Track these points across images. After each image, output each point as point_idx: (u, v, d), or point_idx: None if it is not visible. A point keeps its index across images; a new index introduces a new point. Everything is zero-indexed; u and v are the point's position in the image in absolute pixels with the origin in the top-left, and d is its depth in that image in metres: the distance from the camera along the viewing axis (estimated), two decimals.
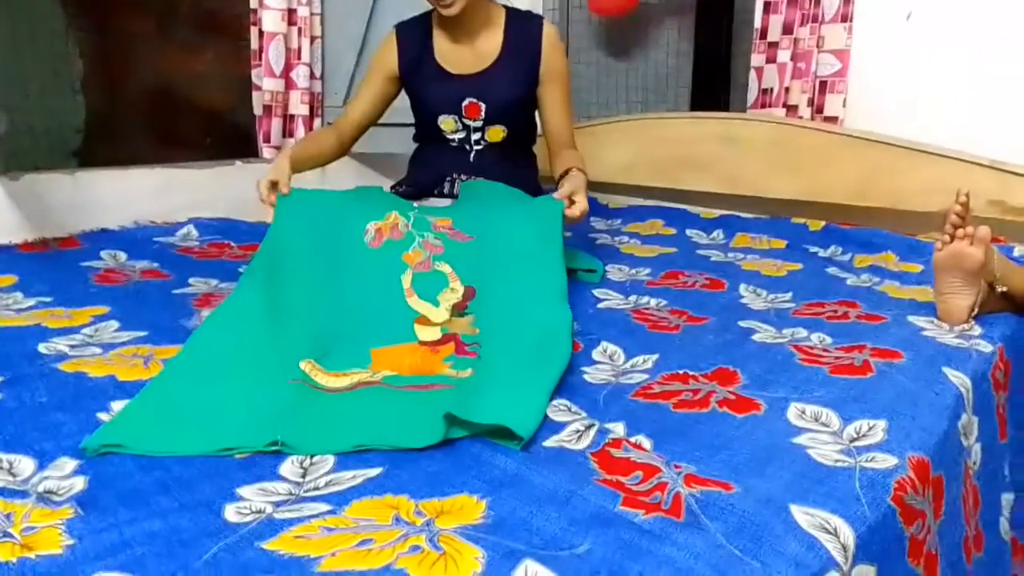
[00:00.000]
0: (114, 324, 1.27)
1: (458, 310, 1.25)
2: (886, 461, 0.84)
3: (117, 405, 0.96)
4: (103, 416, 0.93)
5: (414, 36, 1.71)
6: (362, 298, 1.23)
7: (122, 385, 1.02)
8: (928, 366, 1.11)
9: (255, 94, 2.20)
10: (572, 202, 1.41)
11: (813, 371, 1.09)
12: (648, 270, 1.70)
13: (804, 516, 0.73)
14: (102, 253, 1.72)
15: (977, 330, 1.28)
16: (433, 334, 1.20)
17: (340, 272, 1.27)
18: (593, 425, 0.92)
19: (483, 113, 1.69)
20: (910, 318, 1.34)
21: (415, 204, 1.47)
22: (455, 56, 1.70)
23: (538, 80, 1.70)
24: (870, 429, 0.91)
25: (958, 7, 1.88)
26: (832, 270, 1.71)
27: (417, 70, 1.71)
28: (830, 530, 0.71)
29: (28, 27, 2.71)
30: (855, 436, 0.90)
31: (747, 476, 0.80)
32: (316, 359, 1.08)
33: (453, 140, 1.74)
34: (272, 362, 1.06)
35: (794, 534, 0.70)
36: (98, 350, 1.15)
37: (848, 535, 0.72)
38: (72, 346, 1.16)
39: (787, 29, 2.06)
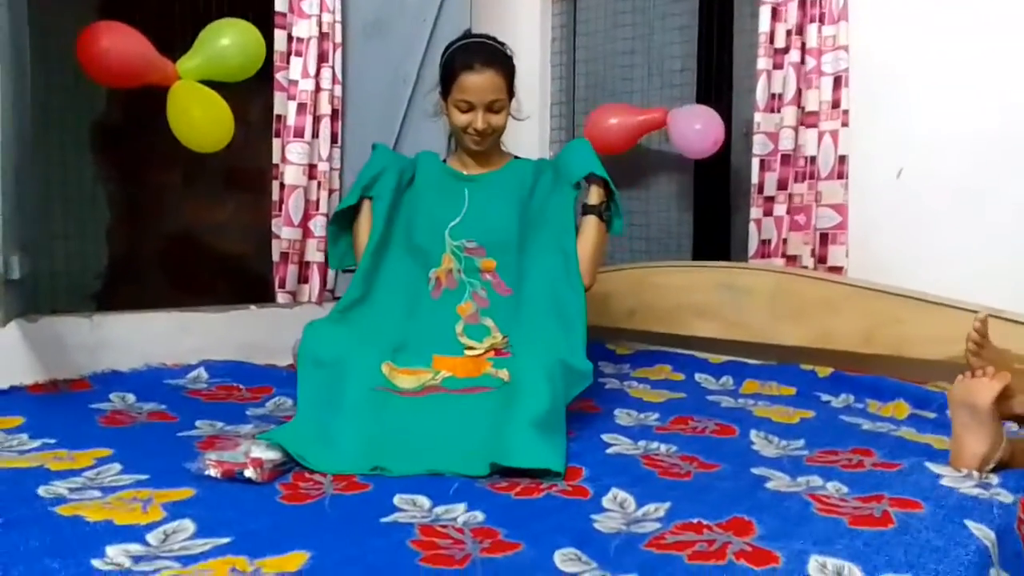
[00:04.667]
0: (116, 467, 1.26)
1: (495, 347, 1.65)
2: None
3: (112, 551, 0.93)
4: (96, 563, 0.90)
5: None
6: (426, 337, 1.62)
7: (118, 530, 0.99)
8: (949, 517, 1.07)
9: (274, 242, 2.28)
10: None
11: (832, 522, 1.05)
12: (656, 415, 1.68)
13: None
14: (111, 395, 1.73)
15: (994, 479, 1.24)
16: (476, 353, 1.63)
17: (413, 315, 1.66)
18: None
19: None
20: (927, 464, 1.31)
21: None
22: None
23: None
24: None
25: (947, 163, 1.96)
26: (845, 417, 1.69)
27: None
28: None
29: (60, 175, 2.87)
30: None
31: None
32: (393, 358, 1.51)
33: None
34: (362, 369, 1.46)
35: None
36: (98, 493, 1.13)
37: None
38: (72, 489, 1.14)
39: (782, 185, 2.16)
